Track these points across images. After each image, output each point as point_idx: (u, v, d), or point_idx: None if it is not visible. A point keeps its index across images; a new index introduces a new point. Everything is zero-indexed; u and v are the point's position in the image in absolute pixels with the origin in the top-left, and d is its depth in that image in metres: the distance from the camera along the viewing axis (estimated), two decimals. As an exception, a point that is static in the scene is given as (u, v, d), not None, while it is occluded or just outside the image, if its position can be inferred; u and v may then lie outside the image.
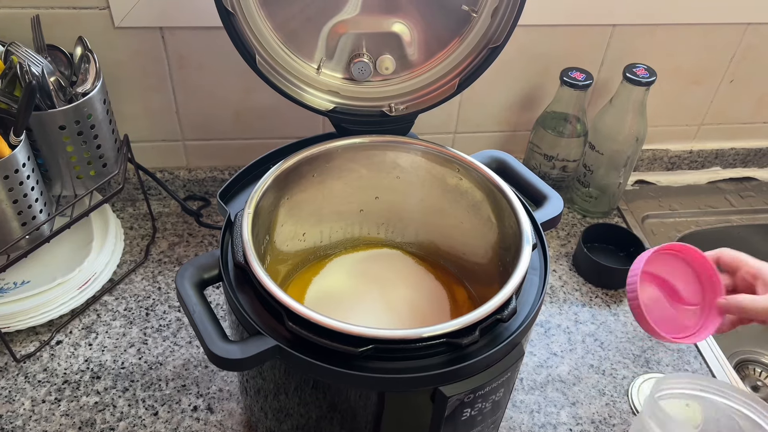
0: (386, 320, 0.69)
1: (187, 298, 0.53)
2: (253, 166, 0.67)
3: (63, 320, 0.81)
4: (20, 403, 0.72)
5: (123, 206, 0.97)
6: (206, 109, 0.92)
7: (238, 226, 0.58)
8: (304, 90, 0.69)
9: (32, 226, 0.72)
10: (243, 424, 0.72)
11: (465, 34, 0.67)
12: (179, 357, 0.78)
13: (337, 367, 0.49)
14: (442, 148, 0.68)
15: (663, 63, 0.93)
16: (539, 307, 0.56)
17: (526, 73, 0.95)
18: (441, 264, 0.76)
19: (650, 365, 0.81)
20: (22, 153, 0.68)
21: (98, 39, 0.80)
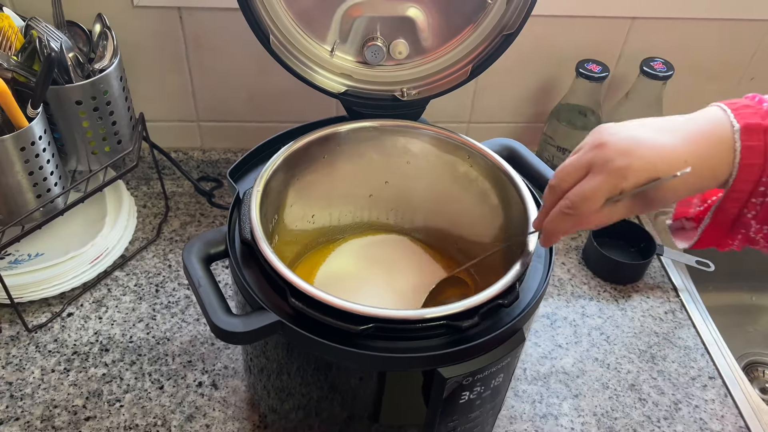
0: (390, 304, 0.69)
1: (194, 271, 0.54)
2: (263, 146, 0.68)
3: (75, 293, 0.82)
4: (30, 371, 0.74)
5: (137, 184, 0.98)
6: (221, 91, 0.92)
7: (246, 203, 0.58)
8: (317, 72, 0.69)
9: (47, 198, 0.73)
10: (246, 401, 0.73)
11: (479, 21, 0.67)
12: (186, 333, 0.79)
13: (338, 344, 0.50)
14: (453, 134, 0.68)
15: (681, 58, 0.92)
16: (542, 294, 0.56)
17: (541, 65, 0.94)
18: (448, 252, 0.76)
19: (656, 361, 0.81)
20: (39, 126, 0.69)
21: (117, 17, 0.81)
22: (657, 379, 0.79)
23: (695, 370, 0.80)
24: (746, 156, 0.44)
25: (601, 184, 0.46)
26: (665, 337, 0.84)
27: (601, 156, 0.46)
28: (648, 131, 0.47)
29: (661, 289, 0.90)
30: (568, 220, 0.49)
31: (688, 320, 0.86)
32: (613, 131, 0.47)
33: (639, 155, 0.45)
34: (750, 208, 0.46)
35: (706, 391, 0.78)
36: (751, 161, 0.44)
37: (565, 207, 0.48)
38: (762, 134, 0.44)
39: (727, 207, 0.47)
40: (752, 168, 0.45)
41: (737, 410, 0.76)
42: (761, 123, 0.44)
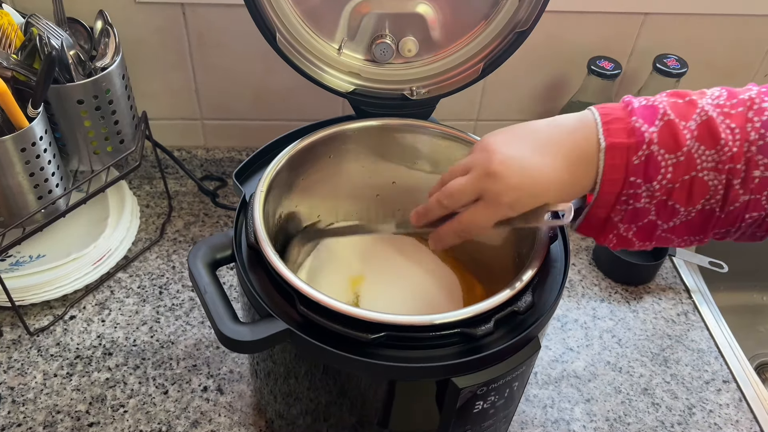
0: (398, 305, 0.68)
1: (199, 277, 0.53)
2: (270, 146, 0.66)
3: (77, 295, 0.81)
4: (32, 376, 0.72)
5: (140, 184, 0.97)
6: (225, 89, 0.91)
7: (251, 206, 0.57)
8: (324, 70, 0.67)
9: (48, 200, 0.72)
10: (252, 406, 0.71)
11: (491, 17, 0.65)
12: (191, 337, 0.77)
13: (348, 353, 0.48)
14: (463, 134, 0.66)
15: (695, 54, 0.90)
16: (558, 300, 0.55)
17: (552, 61, 0.93)
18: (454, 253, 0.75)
19: (668, 364, 0.79)
20: (40, 126, 0.68)
21: (119, 14, 0.80)
22: (670, 383, 0.77)
23: (709, 374, 0.79)
24: (608, 172, 0.48)
25: (492, 215, 0.52)
26: (678, 339, 0.82)
27: (493, 190, 0.51)
28: (533, 155, 0.50)
29: (673, 290, 0.88)
30: (460, 238, 0.55)
31: (701, 322, 0.85)
32: (500, 160, 0.50)
33: (528, 191, 0.50)
34: (616, 213, 0.50)
35: (721, 395, 0.76)
36: (612, 177, 0.48)
37: (460, 231, 0.54)
38: (625, 152, 0.48)
39: (595, 212, 0.51)
40: (613, 183, 0.48)
41: (752, 415, 0.75)
42: (625, 141, 0.48)
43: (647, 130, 0.48)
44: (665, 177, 0.47)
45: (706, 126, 0.47)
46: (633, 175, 0.48)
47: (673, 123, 0.47)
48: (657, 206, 0.49)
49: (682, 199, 0.48)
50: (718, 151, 0.46)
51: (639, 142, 0.47)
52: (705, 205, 0.48)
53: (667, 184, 0.47)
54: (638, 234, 0.51)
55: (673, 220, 0.49)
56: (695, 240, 0.51)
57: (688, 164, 0.47)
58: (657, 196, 0.48)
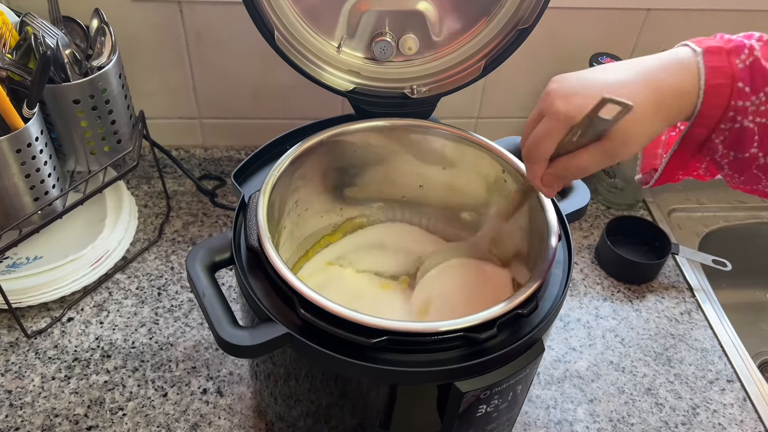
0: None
1: (198, 281, 0.52)
2: (268, 147, 0.65)
3: (75, 297, 0.80)
4: (30, 379, 0.72)
5: (138, 183, 0.96)
6: (224, 87, 0.90)
7: (253, 207, 0.56)
8: (324, 69, 0.67)
9: (44, 201, 0.71)
10: (253, 408, 0.71)
11: (493, 14, 0.64)
12: (190, 338, 0.77)
13: (350, 358, 0.48)
14: (465, 133, 0.65)
15: (698, 50, 0.89)
16: (561, 302, 0.54)
17: (553, 58, 0.92)
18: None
19: (672, 364, 0.78)
20: (35, 126, 0.67)
21: (115, 12, 0.79)
22: (674, 383, 0.76)
23: (713, 373, 0.78)
24: (711, 76, 0.43)
25: (546, 127, 0.47)
26: (681, 338, 0.82)
27: (546, 102, 0.48)
28: (598, 72, 0.47)
29: (676, 288, 0.88)
30: (531, 166, 0.50)
31: (704, 321, 0.84)
32: (560, 78, 0.49)
33: (582, 94, 0.46)
34: (718, 134, 0.45)
35: (725, 395, 0.76)
36: (716, 81, 0.43)
37: (524, 156, 0.50)
38: (725, 55, 0.43)
39: (695, 133, 0.46)
40: (719, 89, 0.43)
41: (756, 414, 0.74)
42: (723, 46, 0.44)
43: (746, 41, 0.44)
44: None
45: None
46: (740, 80, 0.43)
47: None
48: (762, 130, 0.43)
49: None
50: None
51: (739, 47, 0.43)
52: None
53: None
54: (733, 164, 0.46)
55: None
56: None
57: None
58: (763, 113, 0.42)
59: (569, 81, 0.48)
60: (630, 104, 0.42)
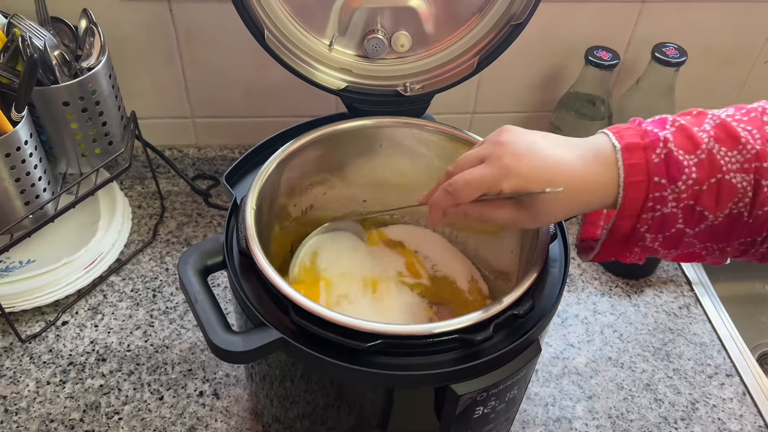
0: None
1: (190, 285, 0.51)
2: (261, 147, 0.64)
3: (69, 300, 0.79)
4: (25, 384, 0.71)
5: (131, 184, 0.95)
6: (216, 86, 0.89)
7: (242, 211, 0.55)
8: (315, 68, 0.66)
9: (36, 205, 0.70)
10: (249, 410, 0.70)
11: (486, 10, 0.63)
12: (186, 340, 0.76)
13: (344, 362, 0.47)
14: (459, 132, 0.65)
15: (694, 42, 0.88)
16: (558, 301, 0.53)
17: (548, 52, 0.91)
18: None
19: (671, 359, 0.78)
20: (24, 130, 0.66)
21: (104, 12, 0.78)
22: (673, 378, 0.76)
23: (712, 368, 0.78)
24: (629, 173, 0.46)
25: (482, 174, 0.49)
26: (680, 333, 0.81)
27: (496, 152, 0.49)
28: (546, 143, 0.49)
29: (674, 282, 0.87)
30: (447, 198, 0.51)
31: (703, 315, 0.84)
32: (515, 133, 0.50)
33: (528, 160, 0.47)
34: (642, 223, 0.47)
35: (724, 389, 0.75)
36: (634, 179, 0.46)
37: (448, 185, 0.51)
38: (642, 152, 0.46)
39: (620, 225, 0.48)
40: (637, 185, 0.46)
41: (756, 409, 0.74)
42: (640, 142, 0.46)
43: (660, 132, 0.46)
44: (690, 177, 0.45)
45: (722, 128, 0.45)
46: (656, 174, 0.45)
47: (685, 127, 0.46)
48: (684, 211, 0.46)
49: (710, 203, 0.45)
50: (740, 150, 0.44)
51: (654, 141, 0.46)
52: (733, 209, 0.45)
53: (693, 185, 0.45)
54: (665, 243, 0.48)
55: (699, 225, 0.47)
56: (717, 249, 0.49)
57: (712, 165, 0.45)
58: (684, 199, 0.45)
59: (523, 140, 0.49)
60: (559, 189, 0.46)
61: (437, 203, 0.52)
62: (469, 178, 0.49)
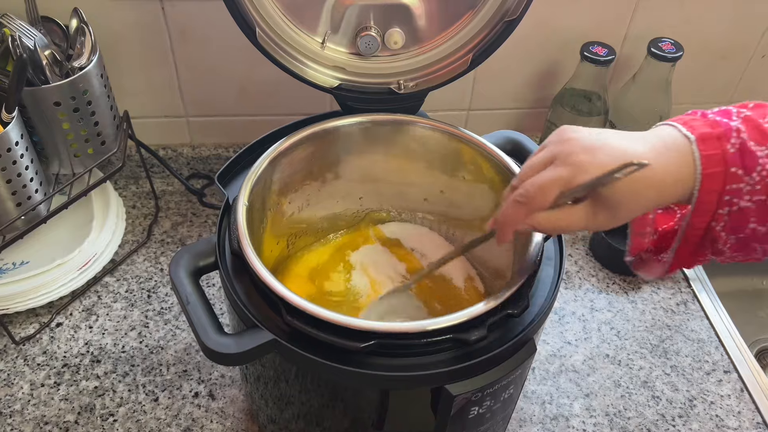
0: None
1: (182, 287, 0.51)
2: (253, 146, 0.64)
3: (63, 302, 0.79)
4: (19, 386, 0.71)
5: (126, 184, 0.95)
6: (210, 84, 0.88)
7: (234, 211, 0.55)
8: (308, 66, 0.65)
9: (27, 206, 0.70)
10: (245, 411, 0.70)
11: (479, 7, 0.63)
12: (181, 341, 0.76)
13: (338, 363, 0.47)
14: (454, 128, 0.64)
15: (690, 37, 0.88)
16: (553, 301, 0.53)
17: (544, 48, 0.90)
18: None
19: (668, 356, 0.78)
20: (15, 131, 0.66)
21: (95, 10, 0.77)
22: (670, 375, 0.76)
23: (709, 365, 0.77)
24: (707, 165, 0.44)
25: (557, 174, 0.45)
26: (677, 329, 0.81)
27: (565, 150, 0.46)
28: (612, 134, 0.47)
29: (671, 279, 0.87)
30: (521, 210, 0.47)
31: (700, 311, 0.83)
32: (577, 130, 0.47)
33: (604, 152, 0.45)
34: (718, 220, 0.45)
35: (722, 386, 0.75)
36: (712, 170, 0.44)
37: (519, 195, 0.47)
38: (716, 141, 0.44)
39: (695, 222, 0.46)
40: (714, 177, 0.44)
41: (754, 405, 0.74)
42: (712, 132, 0.45)
43: (730, 122, 0.45)
44: (764, 168, 0.43)
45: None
46: (733, 164, 0.44)
47: (752, 118, 0.45)
48: (758, 206, 0.44)
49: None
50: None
51: (727, 131, 0.44)
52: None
53: (767, 177, 0.43)
54: (735, 246, 0.47)
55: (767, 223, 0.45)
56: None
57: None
58: (758, 191, 0.44)
59: (589, 135, 0.46)
60: (646, 163, 0.43)
61: (509, 218, 0.48)
62: (542, 181, 0.46)
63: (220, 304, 0.79)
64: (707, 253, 0.48)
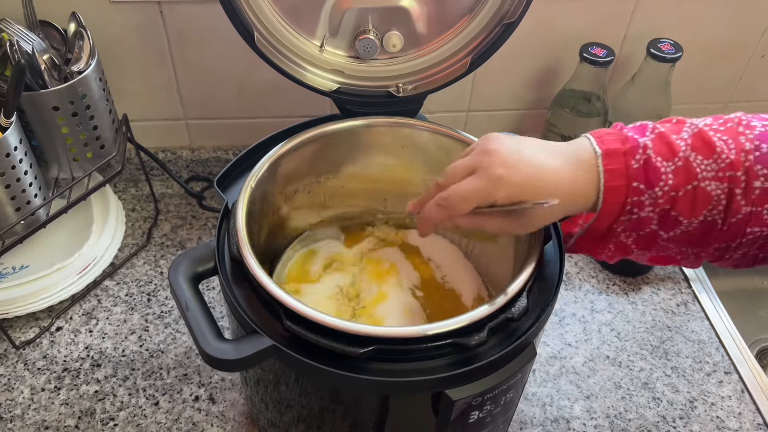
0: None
1: (181, 293, 0.51)
2: (252, 150, 0.64)
3: (63, 306, 0.79)
4: (19, 391, 0.71)
5: (125, 187, 0.95)
6: (209, 87, 0.88)
7: (233, 216, 0.54)
8: (307, 69, 0.65)
9: (27, 211, 0.70)
10: (245, 414, 0.70)
11: (477, 10, 0.63)
12: (181, 345, 0.76)
13: (338, 369, 0.47)
14: (452, 131, 0.64)
15: (689, 37, 0.88)
16: (553, 304, 0.53)
17: (543, 49, 0.90)
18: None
19: (669, 357, 0.78)
20: (14, 136, 0.65)
21: (94, 14, 0.77)
22: (671, 377, 0.76)
23: (710, 366, 0.77)
24: (609, 179, 0.47)
25: (476, 187, 0.48)
26: (678, 331, 0.81)
27: (485, 162, 0.49)
28: (532, 149, 0.49)
29: (672, 279, 0.87)
30: (441, 212, 0.51)
31: (701, 312, 0.83)
32: (500, 140, 0.50)
33: (518, 169, 0.48)
34: (618, 224, 0.49)
35: (722, 387, 0.75)
36: (614, 183, 0.47)
37: (441, 199, 0.50)
38: (622, 157, 0.47)
39: (597, 225, 0.50)
40: (616, 190, 0.47)
41: (755, 406, 0.74)
42: (620, 147, 0.48)
43: (640, 138, 0.48)
44: (667, 183, 0.46)
45: (699, 137, 0.47)
46: (635, 179, 0.47)
47: (664, 134, 0.48)
48: (660, 216, 0.48)
49: (685, 209, 0.47)
50: (716, 159, 0.46)
51: (634, 147, 0.47)
52: (707, 216, 0.47)
53: (670, 191, 0.47)
54: (638, 242, 0.50)
55: (674, 230, 0.48)
56: (692, 254, 0.50)
57: (688, 172, 0.46)
58: (660, 204, 0.47)
59: (510, 149, 0.49)
60: (556, 202, 0.47)
61: (430, 217, 0.52)
62: (463, 191, 0.49)
63: (219, 307, 0.79)
64: (609, 246, 0.52)
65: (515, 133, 0.66)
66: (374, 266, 0.69)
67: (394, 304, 0.66)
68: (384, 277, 0.68)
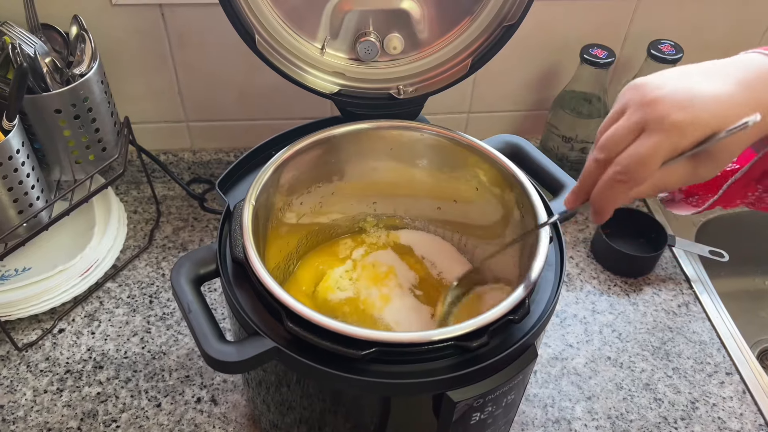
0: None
1: (183, 295, 0.51)
2: (253, 152, 0.64)
3: (65, 308, 0.79)
4: (22, 393, 0.71)
5: (127, 189, 0.95)
6: (210, 89, 0.89)
7: (238, 218, 0.55)
8: (307, 71, 0.65)
9: (29, 213, 0.70)
10: (247, 416, 0.70)
11: (478, 12, 0.63)
12: (183, 346, 0.76)
13: (339, 371, 0.47)
14: (454, 134, 0.64)
15: (690, 38, 0.88)
16: (554, 306, 0.53)
17: (544, 50, 0.90)
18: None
19: (670, 358, 0.78)
20: (16, 139, 0.66)
21: (95, 17, 0.77)
22: (672, 377, 0.76)
23: (711, 366, 0.77)
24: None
25: (659, 143, 0.41)
26: (679, 331, 0.81)
27: (656, 113, 0.41)
28: (697, 79, 0.42)
29: (673, 280, 0.87)
30: (622, 189, 0.43)
31: (702, 313, 0.83)
32: (657, 85, 0.42)
33: (700, 107, 0.41)
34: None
35: (724, 387, 0.75)
36: None
37: (618, 173, 0.43)
38: None
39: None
40: None
41: (756, 407, 0.74)
42: None
43: None
44: None
45: None
46: None
47: None
48: None
49: None
50: None
51: None
52: None
53: None
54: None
55: None
56: None
57: None
58: None
59: (677, 88, 0.41)
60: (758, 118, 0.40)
61: (607, 198, 0.44)
62: (643, 154, 0.41)
63: (221, 309, 0.79)
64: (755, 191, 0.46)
65: (517, 135, 0.67)
66: (370, 271, 0.70)
67: (399, 306, 0.67)
68: (383, 281, 0.69)
